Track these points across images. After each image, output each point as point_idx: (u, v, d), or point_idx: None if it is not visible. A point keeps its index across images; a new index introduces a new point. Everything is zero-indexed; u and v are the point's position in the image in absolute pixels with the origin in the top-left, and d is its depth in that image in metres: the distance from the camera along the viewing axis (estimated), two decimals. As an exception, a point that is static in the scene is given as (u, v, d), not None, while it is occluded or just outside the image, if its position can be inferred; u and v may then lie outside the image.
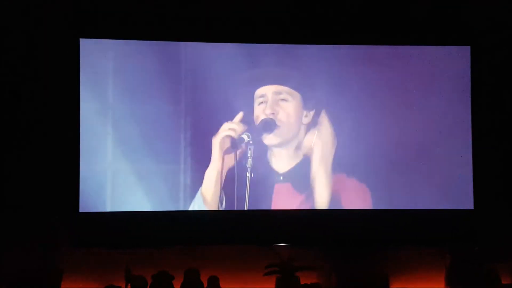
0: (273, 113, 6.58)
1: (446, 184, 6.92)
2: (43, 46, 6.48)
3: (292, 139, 6.75)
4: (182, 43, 6.80)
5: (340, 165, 6.79)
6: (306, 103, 6.78)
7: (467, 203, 6.81)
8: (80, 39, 6.53)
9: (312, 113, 6.78)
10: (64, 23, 6.50)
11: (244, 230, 6.59)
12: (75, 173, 6.43)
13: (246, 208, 6.40)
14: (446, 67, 7.04)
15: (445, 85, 7.04)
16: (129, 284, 5.71)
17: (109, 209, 6.60)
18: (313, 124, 6.79)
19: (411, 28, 6.88)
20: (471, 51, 6.92)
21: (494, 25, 6.90)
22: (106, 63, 6.66)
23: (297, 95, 6.77)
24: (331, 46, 6.93)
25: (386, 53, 7.03)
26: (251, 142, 6.53)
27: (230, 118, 6.64)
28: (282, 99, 6.68)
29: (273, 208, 6.68)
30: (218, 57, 6.84)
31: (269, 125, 6.59)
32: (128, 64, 6.70)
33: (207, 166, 6.57)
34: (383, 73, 7.04)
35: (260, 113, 6.61)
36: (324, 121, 6.83)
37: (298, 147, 6.75)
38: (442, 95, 7.04)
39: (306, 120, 6.74)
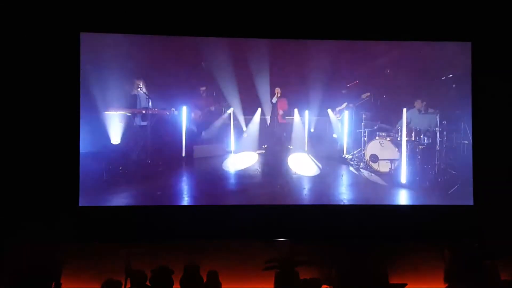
0: None
1: (446, 180, 6.95)
2: (44, 39, 6.47)
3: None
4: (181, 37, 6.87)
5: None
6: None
7: (467, 199, 6.82)
8: (81, 33, 6.54)
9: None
10: (64, 17, 6.50)
11: (244, 225, 6.60)
12: (75, 168, 6.44)
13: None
14: (447, 63, 7.05)
15: (446, 81, 7.05)
16: (128, 278, 5.70)
17: (109, 203, 6.63)
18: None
19: (413, 24, 6.85)
20: (472, 47, 6.92)
21: (495, 21, 6.88)
22: (106, 57, 6.69)
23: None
24: (331, 41, 6.98)
25: (387, 48, 7.06)
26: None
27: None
28: None
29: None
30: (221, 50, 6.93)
31: None
32: (128, 57, 6.74)
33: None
34: (382, 68, 7.09)
35: None
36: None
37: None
38: (442, 91, 7.05)
39: None
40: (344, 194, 7.00)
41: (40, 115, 6.46)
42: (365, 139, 7.67)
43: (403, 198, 6.90)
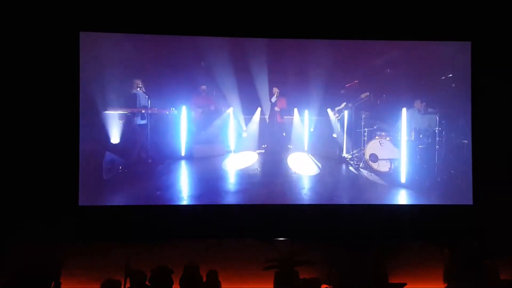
0: None
1: (446, 179, 6.96)
2: (44, 39, 6.46)
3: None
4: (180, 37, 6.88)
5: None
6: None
7: (467, 199, 6.83)
8: (80, 32, 6.54)
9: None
10: (64, 17, 6.49)
11: (244, 225, 6.60)
12: (74, 167, 6.44)
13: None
14: (447, 63, 7.05)
15: (445, 80, 7.05)
16: (128, 278, 5.70)
17: (109, 203, 6.62)
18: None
19: (413, 24, 6.85)
20: (471, 46, 6.92)
21: (495, 21, 6.88)
22: (105, 56, 6.68)
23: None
24: (330, 40, 6.99)
25: (386, 47, 7.06)
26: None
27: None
28: None
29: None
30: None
31: None
32: (127, 56, 6.74)
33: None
34: (382, 68, 7.09)
35: None
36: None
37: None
38: (442, 91, 7.06)
39: None
40: (344, 193, 7.00)
41: (40, 115, 6.45)
42: (365, 138, 7.67)
43: (402, 197, 6.90)
